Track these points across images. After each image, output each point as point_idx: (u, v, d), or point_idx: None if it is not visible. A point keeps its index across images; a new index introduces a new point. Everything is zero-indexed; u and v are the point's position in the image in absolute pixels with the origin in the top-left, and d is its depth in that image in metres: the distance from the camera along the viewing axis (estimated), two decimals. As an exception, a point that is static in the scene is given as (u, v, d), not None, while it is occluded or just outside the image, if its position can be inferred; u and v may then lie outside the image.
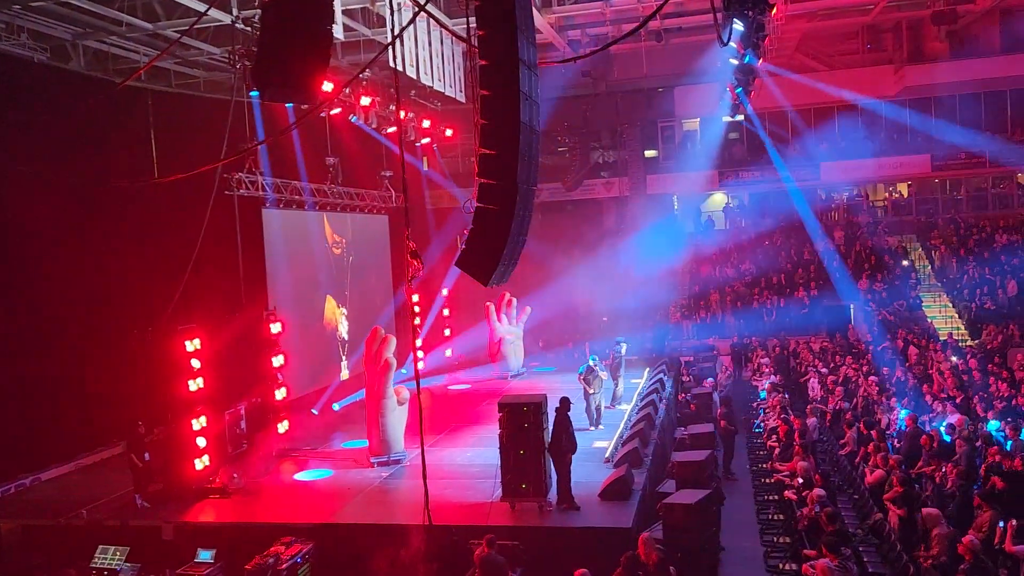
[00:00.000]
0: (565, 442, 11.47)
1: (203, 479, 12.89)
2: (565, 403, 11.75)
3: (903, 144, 28.96)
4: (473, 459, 14.05)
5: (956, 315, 24.29)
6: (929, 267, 26.86)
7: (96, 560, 10.85)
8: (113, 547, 11.02)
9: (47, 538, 11.74)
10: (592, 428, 15.40)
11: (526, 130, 8.05)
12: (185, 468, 12.80)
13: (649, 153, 30.97)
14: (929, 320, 24.04)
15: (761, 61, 19.52)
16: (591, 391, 15.61)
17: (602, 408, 16.05)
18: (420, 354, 20.15)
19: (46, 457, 14.26)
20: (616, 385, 17.47)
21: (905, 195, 30.94)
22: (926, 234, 28.08)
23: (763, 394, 18.56)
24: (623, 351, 17.76)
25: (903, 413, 14.62)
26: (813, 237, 28.51)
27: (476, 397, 19.37)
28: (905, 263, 26.80)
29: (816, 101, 29.02)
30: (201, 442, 12.96)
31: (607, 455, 13.72)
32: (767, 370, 20.34)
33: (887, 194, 31.45)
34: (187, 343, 12.82)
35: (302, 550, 10.55)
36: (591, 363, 15.91)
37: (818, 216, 29.91)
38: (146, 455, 12.71)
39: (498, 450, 11.54)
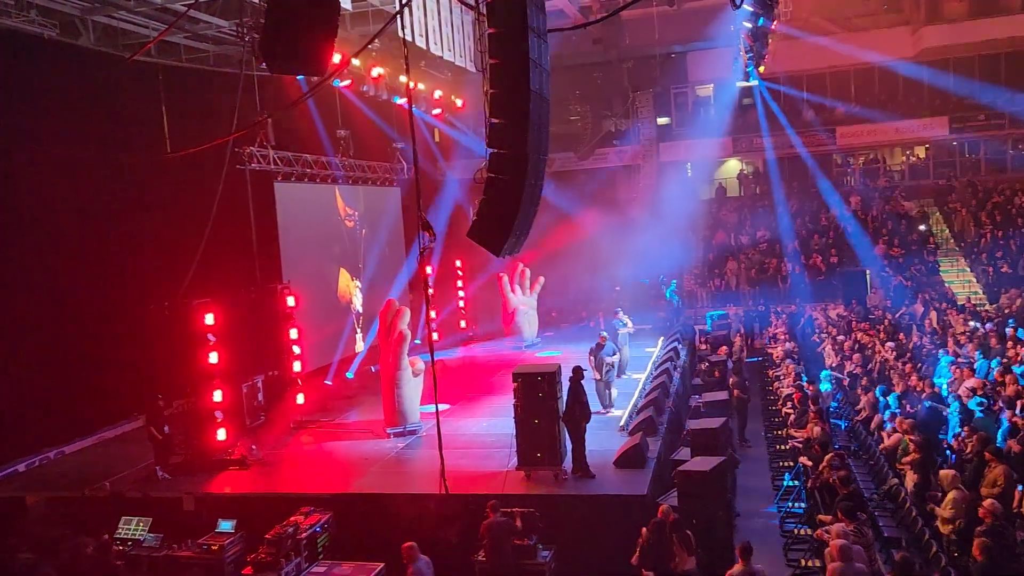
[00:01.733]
0: (579, 411, 11.52)
1: (222, 451, 13.07)
2: (578, 372, 11.78)
3: (921, 106, 28.53)
4: (488, 429, 14.15)
5: (974, 280, 24.08)
6: (947, 231, 26.58)
7: (120, 530, 11.05)
8: (136, 518, 11.22)
9: (72, 509, 11.95)
10: (605, 411, 14.61)
11: (536, 98, 8.00)
12: (204, 440, 12.97)
13: (662, 120, 30.69)
14: (947, 285, 23.85)
15: (776, 24, 19.23)
16: (597, 377, 14.70)
17: (614, 393, 15.25)
18: (434, 325, 20.21)
19: (69, 431, 14.48)
20: (619, 355, 17.27)
21: (923, 158, 30.54)
22: (944, 198, 27.75)
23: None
24: (624, 321, 17.61)
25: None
26: (829, 203, 28.26)
27: (490, 368, 19.45)
28: (922, 228, 26.53)
29: (832, 64, 28.62)
30: (219, 415, 13.11)
31: (621, 423, 13.76)
32: (782, 337, 20.29)
33: (904, 158, 31.04)
34: (204, 317, 12.93)
35: (321, 519, 10.69)
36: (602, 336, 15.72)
37: (834, 181, 29.64)
38: (166, 428, 12.89)
39: (513, 420, 11.61)
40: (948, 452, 11.89)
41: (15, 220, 13.73)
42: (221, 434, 13.08)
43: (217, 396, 13.08)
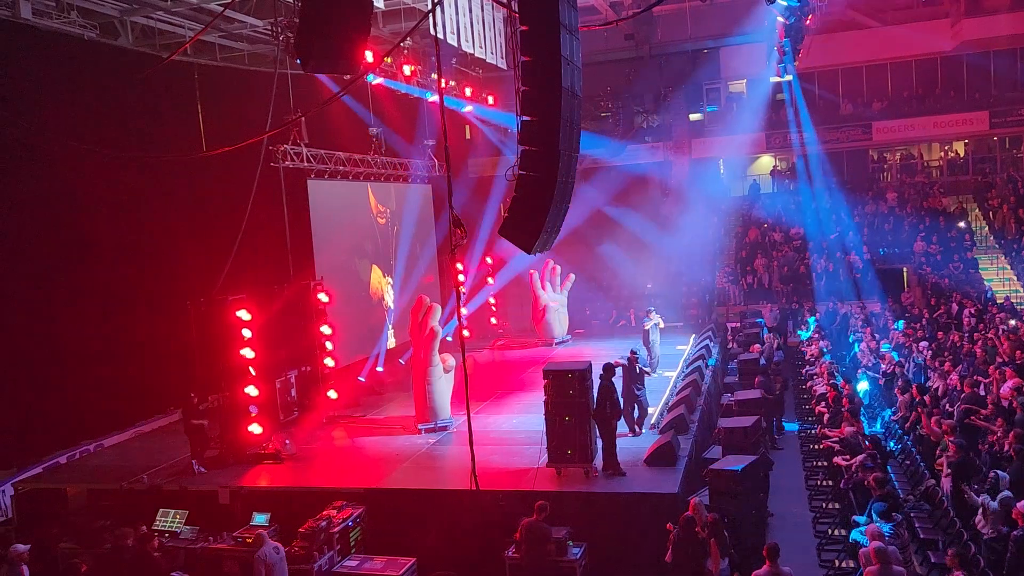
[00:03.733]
0: (609, 409, 11.49)
1: (256, 445, 13.24)
2: (609, 370, 11.76)
3: (960, 101, 27.98)
4: (519, 426, 14.18)
5: (1015, 277, 23.56)
6: (986, 228, 26.03)
7: (158, 522, 11.27)
8: (173, 510, 11.44)
9: (111, 501, 12.21)
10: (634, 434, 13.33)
11: (568, 95, 7.98)
12: (239, 434, 13.16)
13: (694, 116, 30.44)
14: (986, 283, 23.37)
15: (811, 18, 18.97)
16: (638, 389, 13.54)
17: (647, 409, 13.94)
18: (465, 323, 20.28)
19: (108, 425, 14.78)
20: (649, 354, 17.24)
21: (961, 154, 29.94)
22: (983, 194, 27.16)
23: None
24: (656, 320, 17.52)
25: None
26: (865, 199, 27.83)
27: (521, 365, 19.47)
28: (961, 224, 26.01)
29: (868, 58, 28.16)
30: (254, 409, 13.28)
31: (652, 421, 13.71)
32: (816, 335, 20.04)
33: (942, 153, 30.46)
34: (238, 313, 13.10)
35: (353, 514, 10.81)
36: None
37: (870, 178, 29.16)
38: (203, 423, 13.10)
39: (543, 417, 11.62)
40: (986, 452, 11.67)
41: (56, 218, 14.04)
42: (255, 429, 13.26)
43: (251, 391, 13.26)
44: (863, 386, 16.02)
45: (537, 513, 9.70)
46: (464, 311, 19.41)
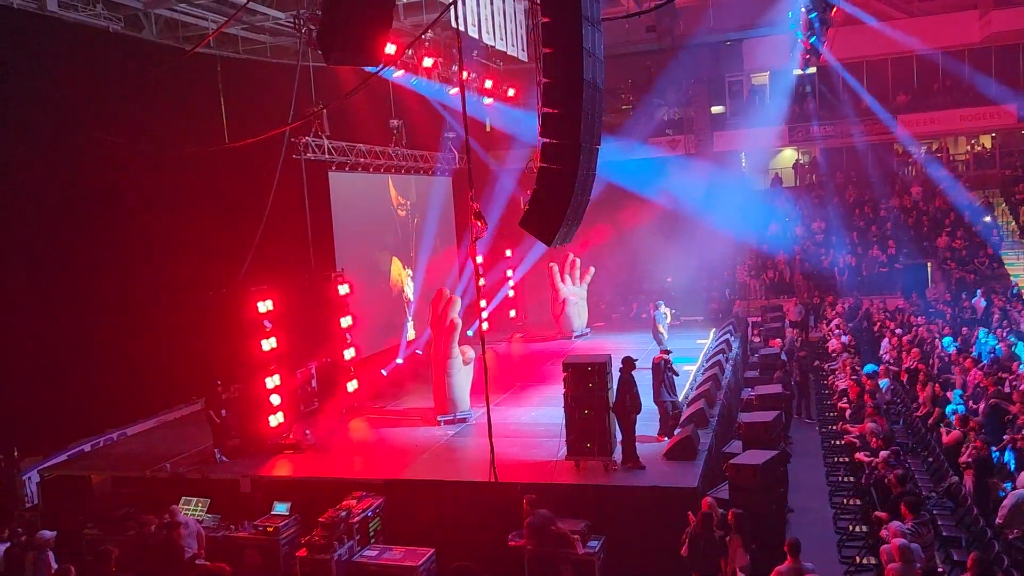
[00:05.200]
0: (629, 402, 11.46)
1: (277, 435, 13.35)
2: (629, 363, 11.72)
3: (987, 94, 27.55)
4: (538, 418, 14.19)
5: (1042, 273, 23.26)
6: (1013, 223, 25.66)
7: (181, 510, 11.42)
8: (196, 498, 11.59)
9: (134, 488, 12.37)
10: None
11: (589, 88, 7.96)
12: (260, 424, 13.27)
13: (716, 109, 30.22)
14: (1012, 279, 23.04)
15: (835, 10, 18.75)
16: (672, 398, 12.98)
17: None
18: (484, 315, 20.30)
19: (131, 413, 14.95)
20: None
21: (988, 148, 29.50)
22: (1011, 188, 26.77)
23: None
24: (665, 314, 17.49)
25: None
26: (889, 193, 27.52)
27: (540, 357, 19.47)
28: (987, 219, 25.65)
29: (894, 50, 27.79)
30: (275, 400, 13.39)
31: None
32: (838, 330, 19.87)
33: (969, 147, 30.03)
34: (260, 304, 13.19)
35: (373, 504, 10.88)
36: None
37: (894, 171, 28.82)
38: (223, 412, 13.22)
39: (563, 409, 11.62)
40: (1010, 449, 11.53)
41: (82, 209, 14.19)
42: (276, 419, 13.37)
43: (272, 382, 13.36)
44: (884, 381, 15.87)
45: (528, 507, 9.80)
46: (483, 303, 19.42)
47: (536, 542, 9.75)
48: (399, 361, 19.07)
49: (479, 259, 20.29)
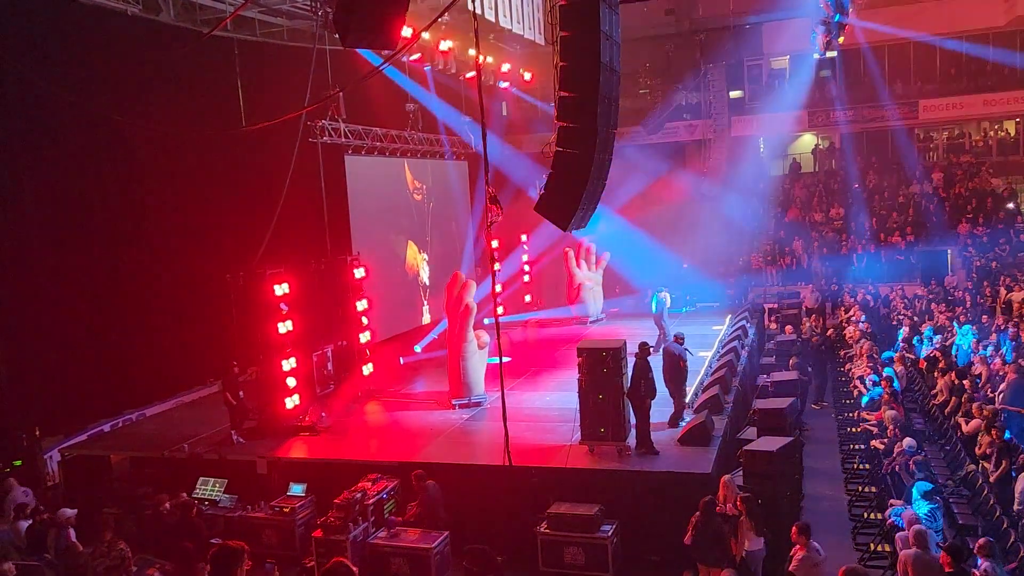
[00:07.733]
0: (644, 388, 11.44)
1: (293, 417, 13.45)
2: (644, 349, 11.69)
3: (1012, 78, 27.11)
4: (552, 403, 14.20)
5: (1065, 261, 22.90)
6: (1036, 210, 25.32)
7: (198, 490, 11.57)
8: (213, 479, 11.71)
9: (153, 468, 12.52)
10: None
11: (606, 71, 7.90)
12: (276, 406, 13.37)
13: (734, 93, 29.94)
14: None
15: (857, -7, 18.46)
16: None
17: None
18: (499, 300, 20.30)
19: (150, 395, 15.11)
20: (663, 334, 17.11)
21: (1012, 133, 29.06)
22: (1034, 175, 26.44)
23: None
24: (666, 300, 17.42)
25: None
26: (909, 179, 27.19)
27: (555, 342, 19.47)
28: (1010, 206, 25.30)
29: (916, 34, 27.37)
30: (291, 382, 13.48)
31: (687, 401, 13.63)
32: (856, 318, 19.73)
33: (992, 132, 29.60)
34: (276, 287, 13.25)
35: (387, 486, 10.96)
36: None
37: (915, 157, 28.47)
38: (240, 394, 13.34)
39: (577, 394, 11.62)
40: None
41: (102, 190, 14.30)
42: (292, 401, 13.46)
43: (289, 364, 13.45)
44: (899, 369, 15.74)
45: (416, 482, 10.32)
46: (498, 288, 19.40)
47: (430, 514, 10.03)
48: (417, 350, 19.11)
49: (495, 244, 20.41)
